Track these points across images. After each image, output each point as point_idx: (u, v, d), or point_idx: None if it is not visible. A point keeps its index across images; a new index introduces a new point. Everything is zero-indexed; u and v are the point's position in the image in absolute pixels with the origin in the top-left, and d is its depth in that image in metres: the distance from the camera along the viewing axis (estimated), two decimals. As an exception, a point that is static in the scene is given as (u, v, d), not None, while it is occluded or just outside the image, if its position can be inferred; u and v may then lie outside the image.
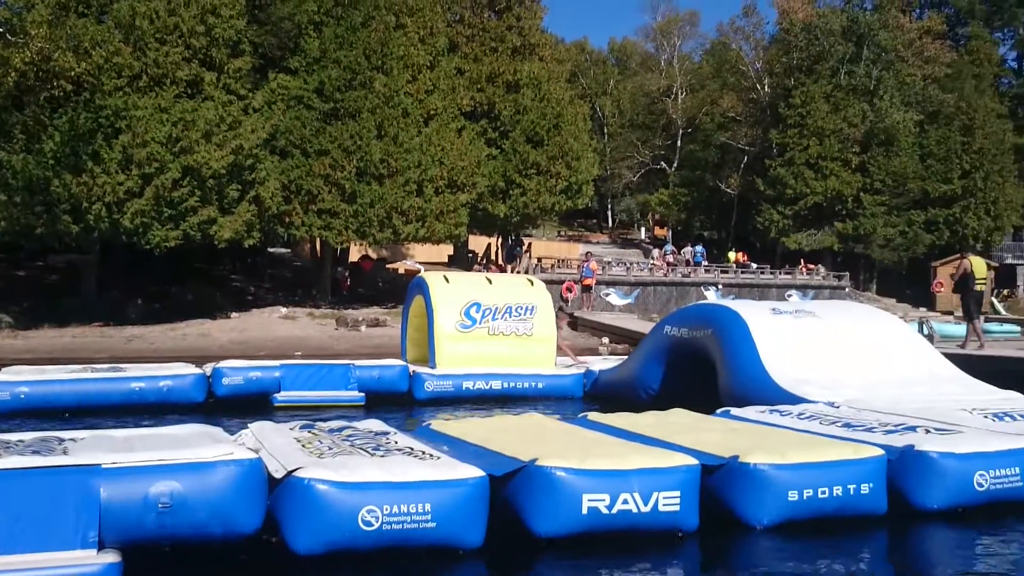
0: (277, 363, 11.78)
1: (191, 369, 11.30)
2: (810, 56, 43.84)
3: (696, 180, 50.75)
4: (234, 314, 25.94)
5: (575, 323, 26.58)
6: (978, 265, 16.12)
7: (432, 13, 30.97)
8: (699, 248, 42.19)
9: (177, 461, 4.57)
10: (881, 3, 45.40)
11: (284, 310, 26.77)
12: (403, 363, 12.49)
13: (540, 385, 12.46)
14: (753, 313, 9.92)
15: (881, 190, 42.74)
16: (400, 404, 11.72)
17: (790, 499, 5.70)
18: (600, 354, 19.84)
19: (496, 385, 12.23)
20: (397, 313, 26.95)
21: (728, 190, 48.11)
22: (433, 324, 12.51)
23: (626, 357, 13.39)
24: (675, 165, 53.98)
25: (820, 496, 5.75)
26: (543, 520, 5.27)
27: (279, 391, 11.21)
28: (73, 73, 21.43)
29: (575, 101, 37.89)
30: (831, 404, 8.20)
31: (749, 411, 7.94)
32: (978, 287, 15.91)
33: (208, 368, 11.37)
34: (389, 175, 26.91)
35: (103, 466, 4.40)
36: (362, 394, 11.55)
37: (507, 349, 12.71)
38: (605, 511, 5.30)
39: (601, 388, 12.35)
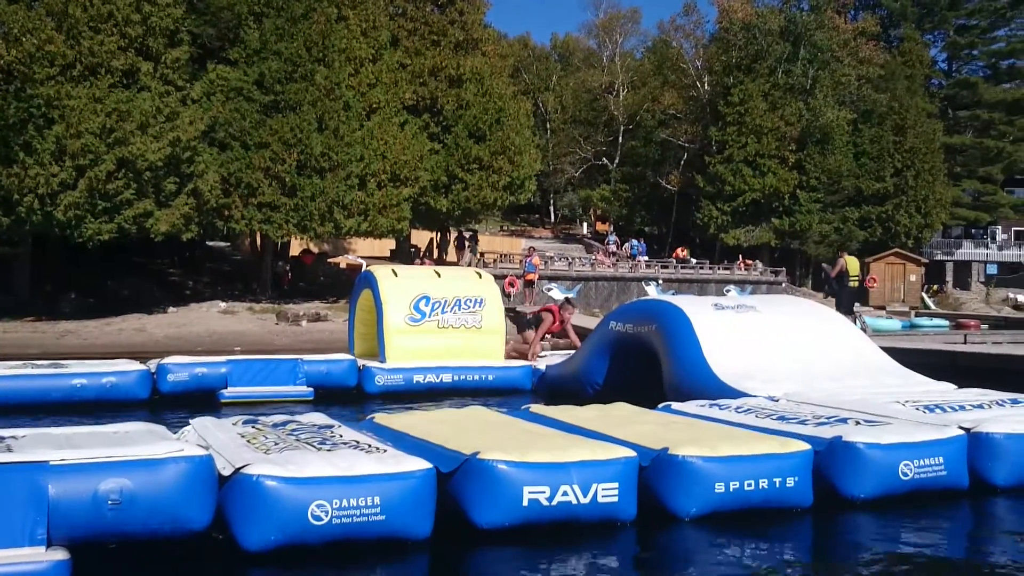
0: (224, 358, 11.60)
1: (135, 365, 11.06)
2: (749, 55, 44.60)
3: (637, 176, 51.31)
4: (171, 309, 25.54)
5: (516, 318, 26.67)
6: (852, 264, 18.18)
7: (374, 6, 30.80)
8: (634, 242, 42.89)
9: (127, 458, 4.53)
10: (817, 4, 46.35)
11: (223, 305, 26.43)
12: (352, 357, 12.42)
13: (490, 377, 12.49)
14: (696, 309, 10.07)
15: (817, 187, 43.70)
16: (349, 399, 11.64)
17: (717, 491, 5.82)
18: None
19: (447, 378, 12.22)
20: (339, 308, 26.85)
21: (668, 186, 48.73)
22: (382, 318, 12.47)
23: (571, 352, 13.48)
24: (616, 161, 54.45)
25: (746, 488, 5.87)
26: (485, 512, 5.34)
27: (226, 387, 11.05)
28: (3, 61, 20.87)
29: (518, 96, 38.06)
30: (771, 398, 8.37)
31: (690, 405, 8.09)
32: (851, 283, 17.94)
33: (153, 364, 11.17)
34: (330, 169, 26.71)
35: (51, 463, 4.37)
36: (310, 389, 11.47)
37: (457, 342, 12.73)
38: (546, 503, 5.39)
39: (548, 383, 12.43)
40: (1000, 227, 54.21)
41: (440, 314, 12.81)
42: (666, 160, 50.07)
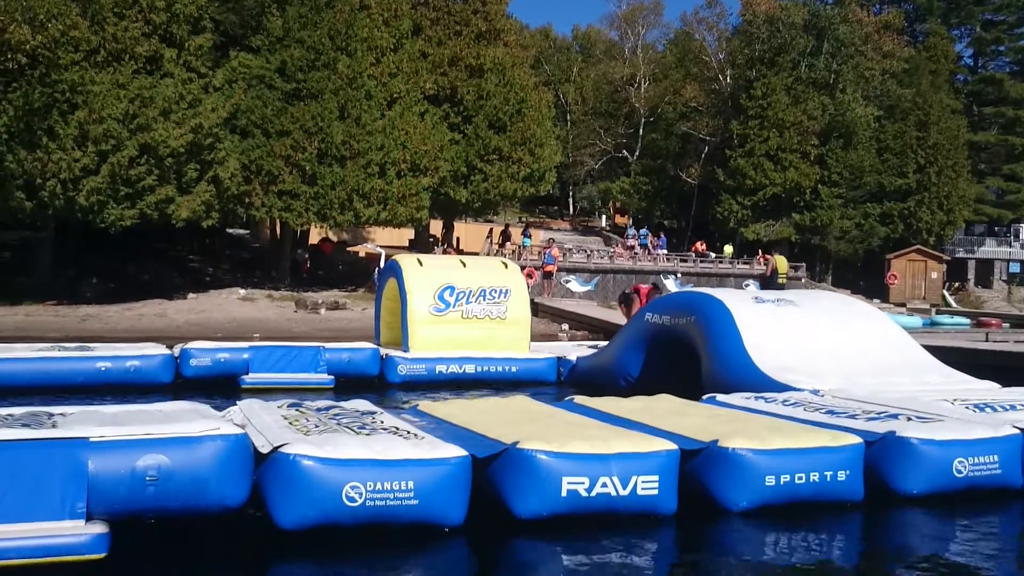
0: (246, 344, 11.62)
1: (159, 349, 11.13)
2: (772, 48, 44.18)
3: (657, 169, 50.95)
4: (191, 295, 25.57)
5: (535, 309, 26.54)
6: (780, 263, 20.72)
7: (397, -6, 30.66)
8: (642, 231, 42.88)
9: (164, 435, 4.58)
10: (841, -3, 45.93)
11: (242, 292, 26.44)
12: (374, 346, 12.38)
13: (514, 369, 12.40)
14: (736, 301, 9.93)
15: (838, 183, 43.30)
16: (371, 388, 11.58)
17: (767, 484, 5.74)
18: (560, 340, 19.90)
19: (470, 369, 12.14)
20: (357, 296, 26.84)
21: (689, 180, 48.38)
22: (406, 307, 12.40)
23: (603, 344, 13.36)
24: (637, 154, 54.13)
25: (797, 481, 5.80)
26: (523, 501, 5.28)
27: (247, 373, 11.08)
28: (28, 46, 20.88)
29: (538, 88, 37.81)
30: (815, 392, 8.24)
31: (735, 397, 7.94)
32: (780, 280, 20.24)
33: (176, 349, 11.21)
34: (351, 157, 26.66)
35: (91, 439, 4.42)
36: (331, 377, 11.44)
37: (481, 333, 12.64)
38: (584, 494, 5.33)
39: (579, 374, 12.30)
40: (1023, 225, 53.59)
41: (464, 304, 12.71)
42: (687, 153, 49.67)
